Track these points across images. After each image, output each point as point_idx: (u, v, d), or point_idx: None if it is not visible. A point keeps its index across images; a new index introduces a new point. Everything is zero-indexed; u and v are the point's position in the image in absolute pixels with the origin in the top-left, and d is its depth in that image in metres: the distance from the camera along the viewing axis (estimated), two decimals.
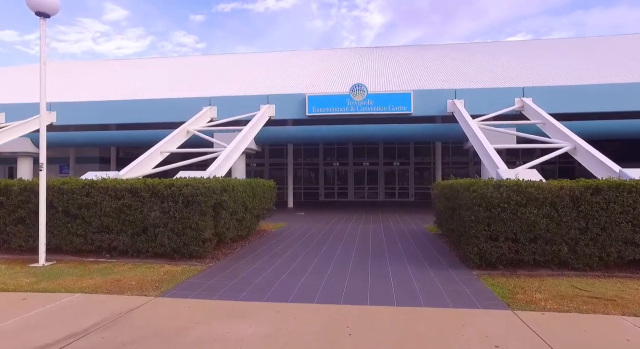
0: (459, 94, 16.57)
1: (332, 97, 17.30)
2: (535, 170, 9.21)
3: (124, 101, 18.75)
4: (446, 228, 8.95)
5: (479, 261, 6.58)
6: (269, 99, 17.64)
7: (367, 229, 12.07)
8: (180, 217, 7.17)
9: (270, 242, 9.71)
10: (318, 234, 11.11)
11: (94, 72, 29.52)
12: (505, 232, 6.37)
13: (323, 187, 29.39)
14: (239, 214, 8.54)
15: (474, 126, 13.35)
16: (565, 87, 16.01)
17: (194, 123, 16.34)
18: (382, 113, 16.78)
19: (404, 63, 24.26)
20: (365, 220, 14.92)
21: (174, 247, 7.27)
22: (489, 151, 11.13)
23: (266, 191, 10.83)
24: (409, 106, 16.66)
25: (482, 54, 25.68)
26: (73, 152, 24.31)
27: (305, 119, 17.39)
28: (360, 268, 6.92)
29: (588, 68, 19.63)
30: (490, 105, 16.01)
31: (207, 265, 7.16)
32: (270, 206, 11.43)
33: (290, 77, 22.23)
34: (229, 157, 12.89)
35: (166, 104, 18.01)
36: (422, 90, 17.19)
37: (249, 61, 30.20)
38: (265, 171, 29.99)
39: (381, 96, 16.96)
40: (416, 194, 28.43)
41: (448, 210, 8.49)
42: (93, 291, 5.53)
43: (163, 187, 7.26)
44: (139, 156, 13.42)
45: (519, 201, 6.30)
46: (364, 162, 28.78)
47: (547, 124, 13.71)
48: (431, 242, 9.58)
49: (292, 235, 10.87)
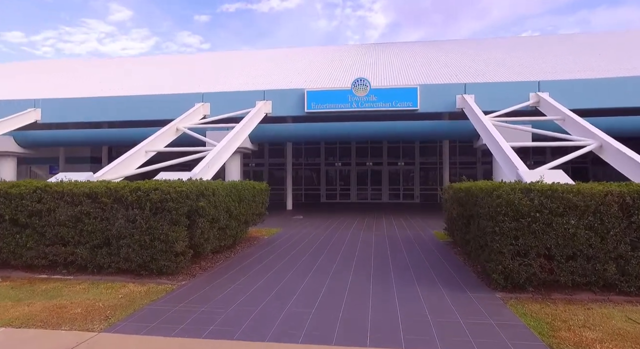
0: (469, 89, 15.38)
1: (333, 92, 16.16)
2: (561, 171, 8.02)
3: (111, 98, 17.71)
4: (460, 238, 7.78)
5: (504, 281, 5.41)
6: (265, 94, 16.53)
7: (369, 237, 10.92)
8: (148, 227, 6.06)
9: (259, 253, 8.58)
10: (315, 242, 9.98)
11: (91, 71, 28.55)
12: (536, 247, 5.21)
13: (325, 188, 28.25)
14: (221, 221, 7.42)
15: (487, 122, 12.17)
16: (587, 81, 14.77)
17: (184, 120, 15.25)
18: (386, 109, 15.61)
19: (409, 59, 23.07)
20: (368, 225, 13.77)
21: (141, 262, 6.16)
22: (505, 150, 9.94)
23: (257, 195, 9.72)
24: (415, 102, 15.49)
25: (492, 49, 24.44)
26: (63, 152, 23.30)
27: (304, 115, 16.26)
28: (360, 290, 5.78)
29: (608, 61, 18.35)
30: (502, 100, 14.80)
31: (178, 283, 6.04)
32: (262, 210, 10.31)
33: (289, 73, 21.11)
34: (219, 157, 11.79)
35: (156, 100, 16.94)
36: (429, 84, 16.01)
37: (248, 58, 29.12)
38: (265, 171, 28.92)
39: (385, 91, 15.80)
40: (422, 195, 27.24)
41: (462, 218, 7.33)
42: (24, 322, 4.43)
43: (128, 191, 6.15)
44: None
45: (554, 209, 5.14)
46: (367, 162, 27.62)
47: (567, 121, 12.50)
48: (442, 253, 8.42)
49: (285, 244, 9.75)
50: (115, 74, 25.96)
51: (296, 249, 8.94)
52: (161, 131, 13.86)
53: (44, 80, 25.08)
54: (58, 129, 17.78)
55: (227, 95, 17.03)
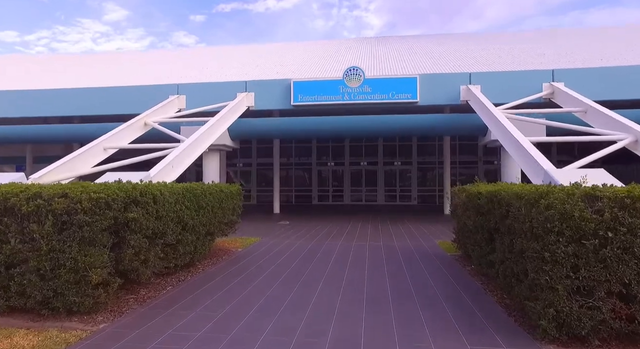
0: (474, 79, 13.74)
1: (322, 83, 14.46)
2: (603, 170, 6.37)
3: (70, 89, 15.90)
4: (477, 256, 6.08)
5: (556, 330, 3.72)
6: (247, 86, 14.79)
7: (362, 249, 9.21)
8: (50, 249, 4.32)
9: (223, 273, 6.84)
10: (296, 257, 8.25)
11: (69, 65, 26.65)
12: (607, 282, 3.53)
13: (316, 189, 26.53)
14: (168, 236, 5.69)
15: (499, 115, 10.50)
16: (611, 69, 13.14)
17: (154, 114, 13.48)
18: (382, 102, 13.94)
19: (407, 50, 21.41)
20: (362, 232, 12.06)
21: (41, 298, 4.42)
22: (525, 146, 8.27)
23: (226, 200, 7.98)
24: (414, 93, 13.83)
25: (498, 41, 22.83)
26: (30, 150, 21.42)
27: (291, 109, 14.55)
28: (346, 336, 4.06)
29: (630, 50, 16.77)
30: (512, 92, 13.17)
31: (94, 328, 4.30)
32: (234, 218, 8.58)
33: (276, 64, 19.38)
34: (185, 156, 10.05)
35: (123, 92, 15.17)
36: (430, 74, 14.38)
37: (234, 52, 27.34)
38: (253, 172, 27.16)
39: (381, 82, 14.12)
40: (420, 197, 25.59)
41: (482, 231, 5.64)
42: None
43: (23, 199, 4.41)
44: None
45: (635, 226, 3.46)
46: (361, 161, 25.92)
47: (591, 113, 10.87)
48: (453, 273, 6.73)
49: (259, 260, 8.01)
50: (85, 69, 24.11)
51: (271, 268, 7.20)
52: (125, 125, 12.10)
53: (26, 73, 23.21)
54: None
55: (205, 86, 15.28)
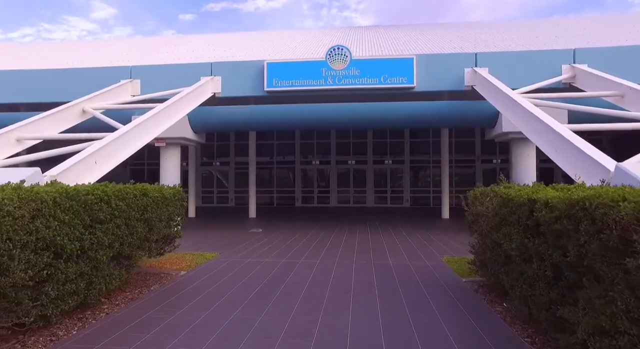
0: (481, 60, 11.60)
1: (301, 64, 12.21)
2: None
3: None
4: (526, 299, 3.83)
5: None
6: (213, 68, 12.43)
7: (347, 271, 6.96)
8: None
9: (134, 321, 4.51)
10: (254, 287, 5.95)
11: None
12: None
13: (300, 190, 24.26)
14: (14, 273, 3.36)
15: (521, 99, 8.33)
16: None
17: (96, 100, 11.06)
18: (372, 87, 11.72)
19: (403, 35, 19.25)
20: (348, 243, 9.82)
21: None
22: (568, 137, 6.12)
23: (155, 208, 5.64)
24: (410, 77, 11.64)
25: (503, 27, 20.79)
26: None
27: (264, 96, 12.25)
28: None
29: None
30: (525, 76, 11.05)
31: None
32: (170, 231, 6.26)
33: (250, 48, 17.05)
34: (119, 149, 7.72)
35: (61, 76, 12.69)
36: (429, 54, 12.23)
37: (205, 39, 24.89)
38: (231, 171, 24.76)
39: (371, 63, 11.91)
40: (412, 198, 23.50)
41: (540, 263, 3.43)
42: None
43: None
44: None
45: None
46: (349, 160, 23.72)
47: (630, 96, 8.79)
48: (475, 314, 4.52)
49: (202, 291, 5.69)
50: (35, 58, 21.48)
51: (212, 309, 4.90)
52: (52, 112, 9.69)
53: None
54: None
55: (163, 69, 12.88)
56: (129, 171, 25.61)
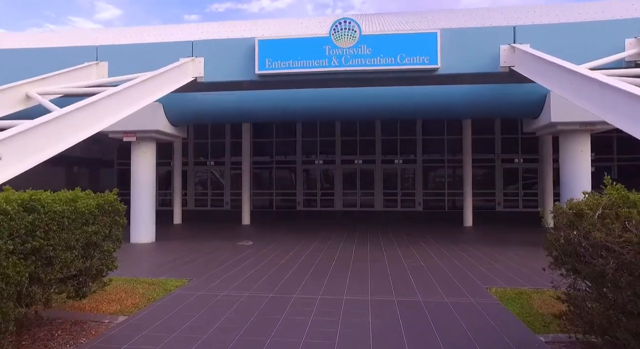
0: (520, 35, 9.39)
1: (300, 41, 10.07)
2: None
3: None
4: None
5: None
6: (194, 48, 10.31)
7: (362, 316, 4.81)
8: None
9: None
10: (223, 346, 3.83)
11: None
12: None
13: (302, 193, 22.15)
14: None
15: (603, 77, 6.11)
16: None
17: (45, 83, 8.97)
18: (386, 68, 9.54)
19: (420, 18, 17.07)
20: (359, 266, 7.66)
21: None
22: None
23: (58, 232, 3.54)
24: (434, 57, 9.43)
25: (538, 10, 18.49)
26: None
27: (256, 80, 10.11)
28: None
29: None
30: (577, 53, 8.77)
31: None
32: (91, 263, 4.14)
33: (239, 28, 14.97)
34: (48, 140, 5.62)
35: (10, 56, 10.65)
36: (456, 29, 10.04)
37: (197, 28, 22.85)
38: (227, 172, 22.69)
39: (386, 39, 9.72)
40: (425, 202, 21.32)
41: None
42: None
43: None
44: None
45: None
46: (355, 159, 21.56)
47: None
48: None
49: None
50: None
51: None
52: None
53: None
54: None
55: (136, 49, 10.80)
56: (116, 172, 23.64)
